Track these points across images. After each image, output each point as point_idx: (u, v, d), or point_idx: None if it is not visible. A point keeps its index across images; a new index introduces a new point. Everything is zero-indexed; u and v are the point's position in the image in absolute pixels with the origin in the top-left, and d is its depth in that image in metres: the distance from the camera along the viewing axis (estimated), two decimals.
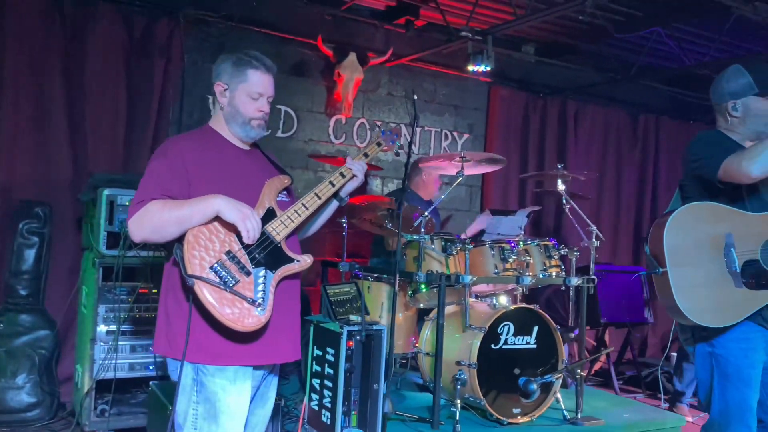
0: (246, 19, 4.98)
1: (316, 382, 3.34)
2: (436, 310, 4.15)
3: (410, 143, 3.52)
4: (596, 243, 4.23)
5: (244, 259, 2.07)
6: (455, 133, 6.09)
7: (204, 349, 2.06)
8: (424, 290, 3.91)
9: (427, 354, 4.00)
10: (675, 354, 5.88)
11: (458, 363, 3.69)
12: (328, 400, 3.24)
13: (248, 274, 2.06)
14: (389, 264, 4.48)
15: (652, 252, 2.46)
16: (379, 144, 2.60)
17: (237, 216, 2.04)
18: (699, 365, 2.57)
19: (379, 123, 3.76)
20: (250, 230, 2.06)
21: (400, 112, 5.82)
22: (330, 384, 3.23)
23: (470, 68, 4.91)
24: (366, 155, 2.52)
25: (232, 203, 2.06)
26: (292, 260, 2.18)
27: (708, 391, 2.52)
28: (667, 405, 5.01)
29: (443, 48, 5.26)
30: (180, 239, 2.04)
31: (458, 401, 3.62)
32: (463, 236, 4.02)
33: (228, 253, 2.05)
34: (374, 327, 3.25)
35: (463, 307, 3.95)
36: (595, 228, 4.25)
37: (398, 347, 4.08)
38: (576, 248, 4.07)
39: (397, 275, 3.53)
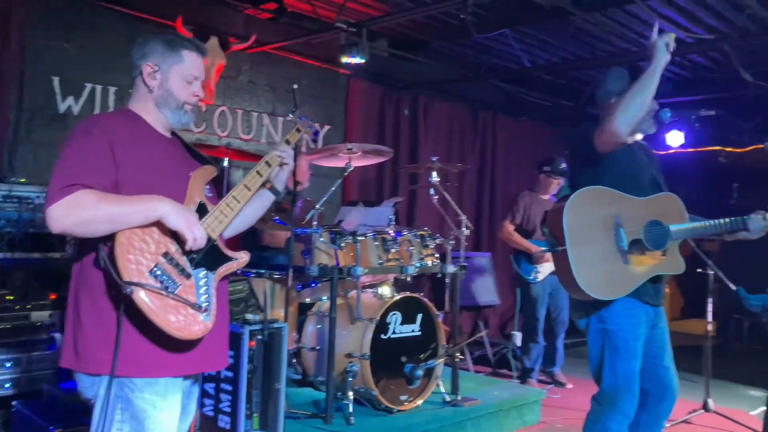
0: None
1: (209, 386, 3.17)
2: (319, 303, 4.14)
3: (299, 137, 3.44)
4: (466, 231, 4.47)
5: (183, 260, 1.90)
6: (316, 124, 6.03)
7: (132, 361, 1.85)
8: (313, 285, 3.87)
9: (313, 349, 3.96)
10: (516, 333, 6.37)
11: (349, 355, 3.70)
12: (227, 404, 3.09)
13: (188, 276, 1.89)
14: (264, 259, 4.35)
15: (552, 232, 2.65)
16: (299, 130, 2.50)
17: (182, 223, 1.87)
18: (591, 341, 2.82)
19: (293, 109, 3.64)
20: (198, 239, 1.89)
21: (262, 101, 5.65)
22: (229, 387, 3.08)
23: (344, 60, 4.90)
24: (288, 142, 2.40)
25: (178, 209, 1.88)
26: (230, 258, 2.04)
27: (599, 365, 2.78)
28: (518, 381, 5.43)
29: (310, 39, 5.19)
30: (104, 238, 1.82)
31: (350, 393, 3.65)
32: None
33: (165, 255, 1.86)
34: (275, 325, 3.17)
35: (349, 300, 3.98)
36: (464, 217, 4.49)
37: None
38: (451, 237, 4.27)
39: (291, 270, 3.48)
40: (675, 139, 7.87)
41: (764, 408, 5.40)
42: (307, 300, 4.08)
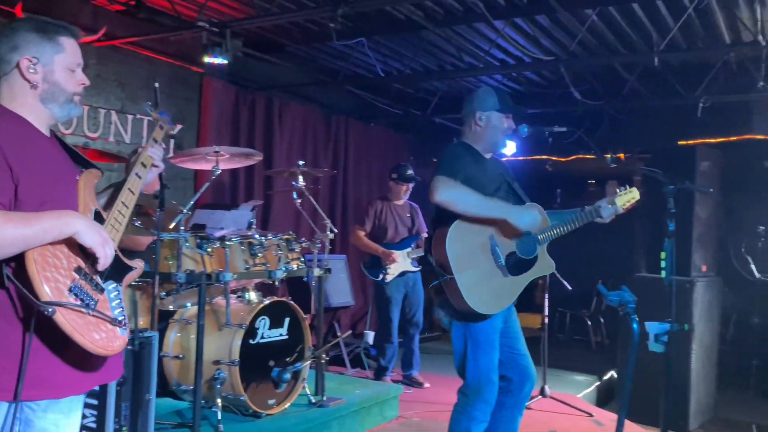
0: None
1: None
2: (182, 311, 4.02)
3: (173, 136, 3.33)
4: (330, 235, 4.56)
5: (95, 275, 1.80)
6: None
7: (38, 383, 1.70)
8: (181, 291, 3.75)
9: (176, 357, 3.85)
10: (369, 332, 6.58)
11: (217, 362, 3.65)
12: (92, 419, 2.92)
13: (102, 290, 1.79)
14: None
15: (438, 262, 2.85)
16: (162, 127, 2.40)
17: (96, 240, 1.75)
18: (455, 337, 3.04)
19: (150, 103, 3.44)
20: (110, 256, 1.79)
21: (111, 97, 5.32)
22: (94, 401, 2.91)
23: (206, 60, 4.77)
24: (155, 141, 2.30)
25: (90, 225, 1.76)
26: (130, 267, 1.95)
27: (462, 359, 3.01)
28: (373, 379, 5.61)
29: (172, 35, 4.99)
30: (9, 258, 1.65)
31: (219, 400, 3.59)
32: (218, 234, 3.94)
33: (78, 270, 1.74)
34: (145, 334, 3.05)
35: (215, 306, 3.91)
36: (329, 221, 4.58)
37: None
38: (318, 241, 4.34)
39: (157, 278, 3.36)
40: (508, 148, 8.55)
41: (589, 390, 6.09)
42: (170, 307, 3.94)
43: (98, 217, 1.92)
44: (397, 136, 8.53)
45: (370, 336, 6.47)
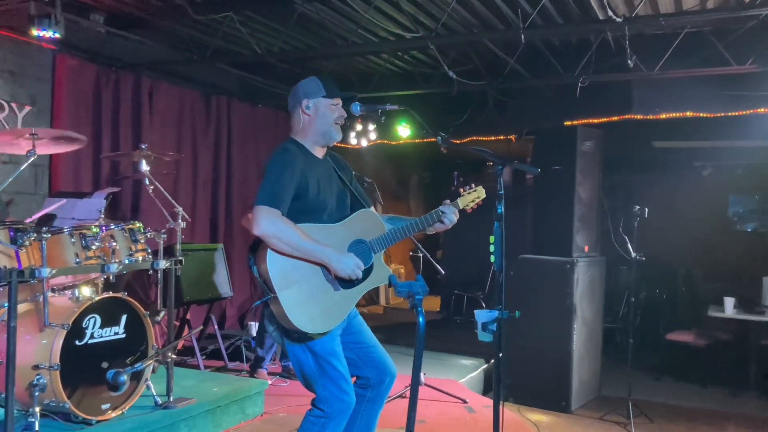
0: None
1: None
2: (2, 311, 3.62)
3: None
4: (182, 224, 4.25)
5: None
6: (14, 105, 5.29)
7: None
8: None
9: None
10: (252, 323, 6.32)
11: (36, 367, 3.30)
12: None
13: None
14: None
15: (263, 278, 2.61)
16: None
17: None
18: (291, 353, 2.78)
19: None
20: None
21: None
22: None
23: (34, 33, 4.32)
24: None
25: None
26: None
27: (306, 374, 2.76)
28: (248, 373, 5.36)
29: None
30: None
31: (37, 408, 3.26)
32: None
33: None
34: None
35: (39, 304, 3.54)
36: (180, 209, 4.27)
37: None
38: (163, 231, 4.02)
39: None
40: (404, 131, 8.49)
41: (475, 374, 6.03)
42: None
43: None
44: (289, 118, 8.22)
45: (254, 328, 6.22)
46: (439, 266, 4.99)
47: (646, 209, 5.06)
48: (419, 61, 7.26)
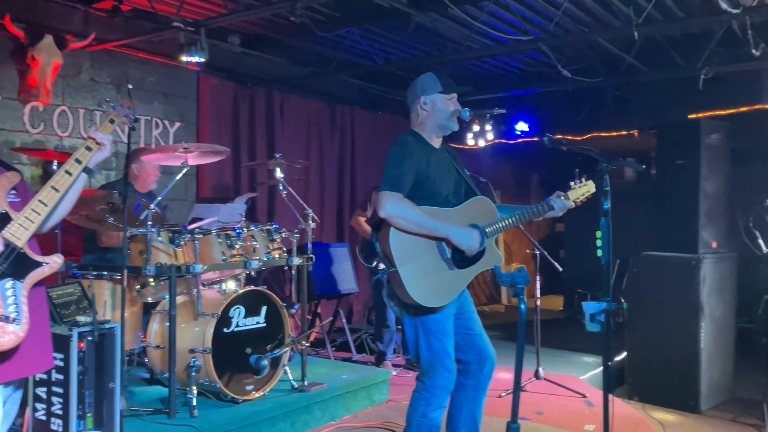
0: None
1: (41, 390, 3.16)
2: (164, 302, 4.17)
3: (129, 135, 3.47)
4: (312, 225, 4.65)
5: None
6: (166, 122, 6.00)
7: None
8: (152, 284, 3.90)
9: (158, 347, 4.01)
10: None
11: (192, 351, 3.79)
12: (59, 407, 3.10)
13: None
14: (106, 260, 4.33)
15: (384, 254, 2.88)
16: (112, 121, 2.49)
17: None
18: (406, 325, 3.08)
19: (107, 99, 3.65)
20: None
21: (106, 99, 5.53)
22: (60, 390, 3.09)
23: (183, 59, 4.91)
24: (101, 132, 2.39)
25: None
26: (39, 264, 2.06)
27: (416, 346, 3.04)
28: (374, 364, 5.69)
29: (153, 36, 5.15)
30: None
31: (194, 387, 3.74)
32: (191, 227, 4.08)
33: None
34: (106, 325, 3.20)
35: (193, 296, 4.04)
36: (311, 211, 4.66)
37: (125, 343, 4.00)
38: (296, 231, 4.43)
39: (125, 271, 3.50)
40: (522, 128, 8.51)
41: (597, 371, 6.01)
42: (149, 299, 4.10)
43: (5, 217, 2.04)
44: (407, 123, 8.52)
45: None
46: (557, 264, 5.06)
47: None
48: (534, 60, 7.31)
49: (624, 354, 6.44)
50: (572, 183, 3.33)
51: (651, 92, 7.11)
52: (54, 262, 2.12)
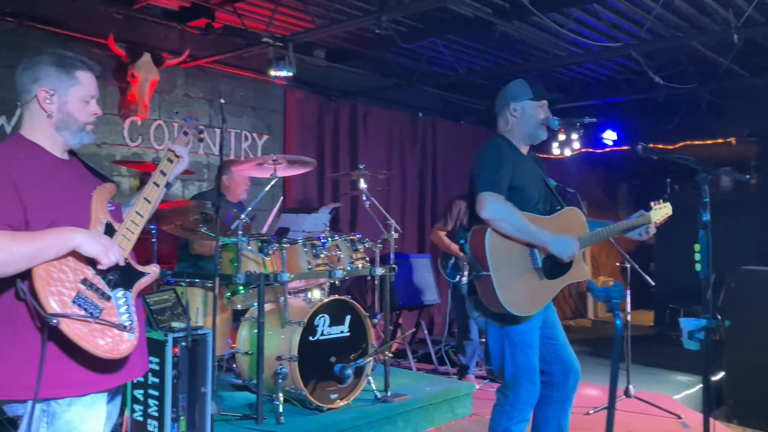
0: (27, 15, 4.61)
1: (138, 392, 3.30)
2: (252, 309, 4.28)
3: (220, 147, 3.58)
4: (395, 235, 4.65)
5: (101, 284, 1.97)
6: (254, 135, 6.20)
7: (59, 383, 1.91)
8: (241, 291, 4.01)
9: (246, 353, 4.11)
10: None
11: (279, 358, 3.86)
12: (155, 409, 3.23)
13: (108, 298, 1.97)
14: (198, 268, 4.48)
15: (475, 256, 2.83)
16: (186, 133, 2.54)
17: (99, 249, 1.93)
18: (491, 337, 3.02)
19: (176, 111, 3.85)
20: (114, 261, 1.97)
21: (199, 113, 5.76)
22: (156, 392, 3.22)
23: (272, 73, 5.06)
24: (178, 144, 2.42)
25: (90, 236, 1.93)
26: (142, 274, 2.12)
27: (501, 359, 2.99)
28: (456, 376, 5.64)
29: (243, 52, 5.34)
30: (21, 273, 1.85)
31: (280, 394, 3.80)
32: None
33: (84, 281, 1.93)
34: (199, 332, 3.31)
35: (280, 305, 4.13)
36: (393, 222, 4.67)
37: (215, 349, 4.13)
38: (379, 241, 4.45)
39: (217, 279, 3.61)
40: (610, 137, 8.26)
41: (692, 391, 5.72)
42: (239, 306, 4.21)
43: (110, 228, 2.11)
44: (489, 132, 8.46)
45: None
46: (649, 278, 4.86)
47: None
48: (623, 67, 7.09)
49: (721, 374, 6.11)
50: (653, 203, 3.24)
51: (750, 97, 6.74)
52: (153, 271, 2.17)
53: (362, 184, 4.60)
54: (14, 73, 2.08)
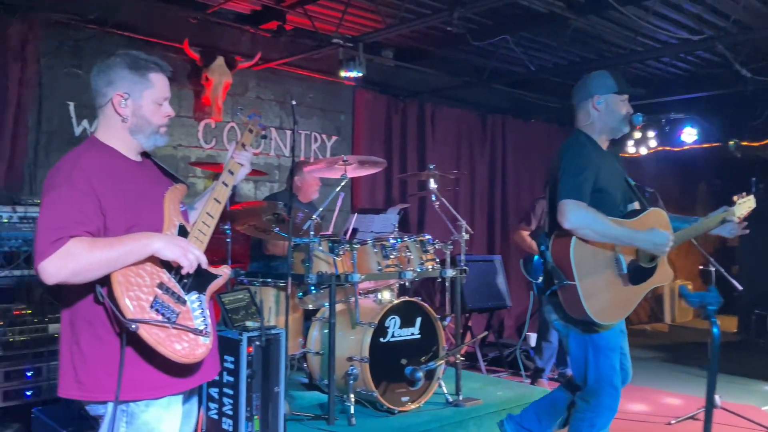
0: (106, 21, 4.78)
1: (213, 391, 3.34)
2: (323, 309, 4.28)
3: (292, 148, 3.59)
4: (465, 236, 4.57)
5: (176, 288, 1.98)
6: (324, 136, 6.24)
7: (137, 386, 1.94)
8: (312, 291, 4.01)
9: (317, 353, 4.12)
10: (531, 334, 6.43)
11: (350, 359, 3.84)
12: (229, 407, 3.26)
13: (183, 302, 1.98)
14: (271, 268, 4.52)
15: (558, 264, 2.75)
16: (251, 131, 2.49)
17: (178, 253, 1.93)
18: (573, 342, 2.91)
19: (240, 108, 3.90)
20: (193, 263, 1.97)
21: (270, 115, 5.85)
22: (230, 391, 3.25)
23: (342, 74, 5.08)
24: (243, 145, 2.43)
25: (168, 241, 1.94)
26: (215, 276, 2.11)
27: (583, 364, 2.87)
28: (529, 381, 5.50)
29: (313, 54, 5.38)
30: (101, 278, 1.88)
31: (351, 395, 3.79)
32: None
33: (160, 285, 1.94)
34: (272, 331, 3.33)
35: (351, 305, 4.11)
36: (464, 222, 4.59)
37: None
38: (450, 242, 4.38)
39: (290, 278, 3.63)
40: (689, 135, 7.88)
41: None
42: (310, 306, 4.22)
43: (183, 230, 2.10)
44: (561, 131, 8.25)
45: (532, 338, 6.33)
46: (735, 282, 4.60)
47: None
48: (705, 61, 6.76)
49: None
50: (735, 197, 3.05)
51: None
52: (225, 273, 2.16)
53: (432, 185, 4.53)
54: None
